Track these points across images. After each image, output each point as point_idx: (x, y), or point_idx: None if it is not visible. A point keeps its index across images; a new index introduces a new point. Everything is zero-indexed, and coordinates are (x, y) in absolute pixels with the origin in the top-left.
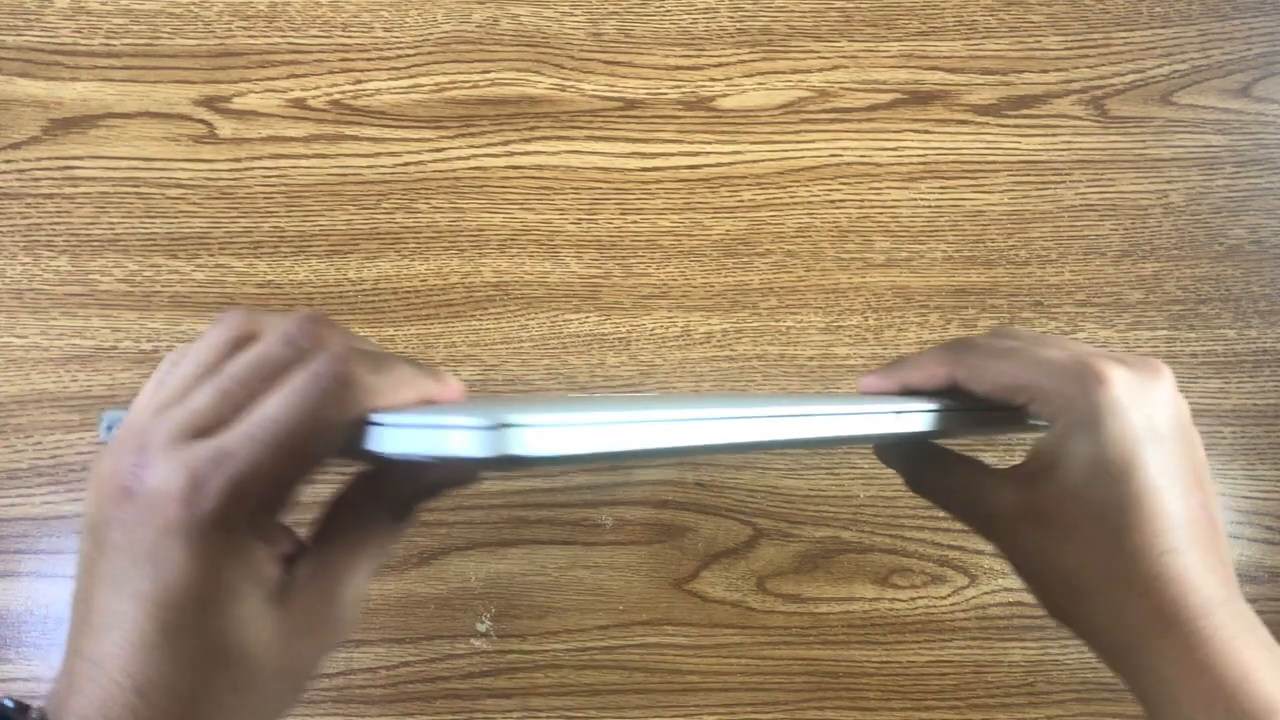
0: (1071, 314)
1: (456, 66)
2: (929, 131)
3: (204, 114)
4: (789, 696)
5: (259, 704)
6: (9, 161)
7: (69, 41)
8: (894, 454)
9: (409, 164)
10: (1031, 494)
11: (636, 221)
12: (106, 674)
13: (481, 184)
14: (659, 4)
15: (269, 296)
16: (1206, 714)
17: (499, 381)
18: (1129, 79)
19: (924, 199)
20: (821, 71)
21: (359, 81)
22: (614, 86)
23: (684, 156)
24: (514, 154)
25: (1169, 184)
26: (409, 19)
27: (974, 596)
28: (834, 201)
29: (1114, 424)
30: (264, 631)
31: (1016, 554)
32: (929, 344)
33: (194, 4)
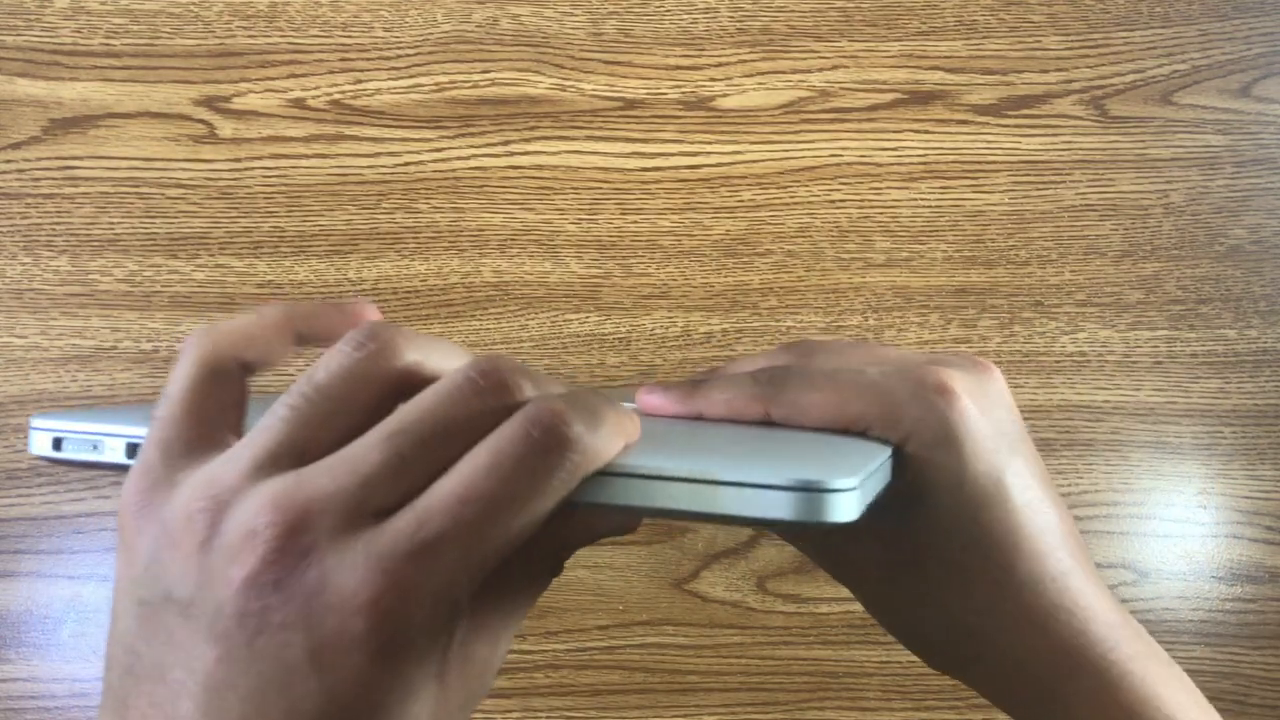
0: (1072, 314)
1: (456, 66)
2: (929, 131)
3: (204, 114)
4: (789, 697)
5: None
6: (9, 161)
7: (69, 41)
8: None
9: (409, 164)
10: (896, 536)
11: (636, 221)
12: None
13: (481, 184)
14: (659, 4)
15: (269, 296)
16: None
17: None
18: (1129, 79)
19: (924, 199)
20: (822, 71)
21: (359, 81)
22: (614, 86)
23: (684, 156)
24: (514, 154)
25: (1169, 184)
26: (409, 19)
27: None
28: (834, 201)
29: (971, 438)
30: (424, 717)
31: (890, 606)
32: (929, 344)
33: (194, 4)
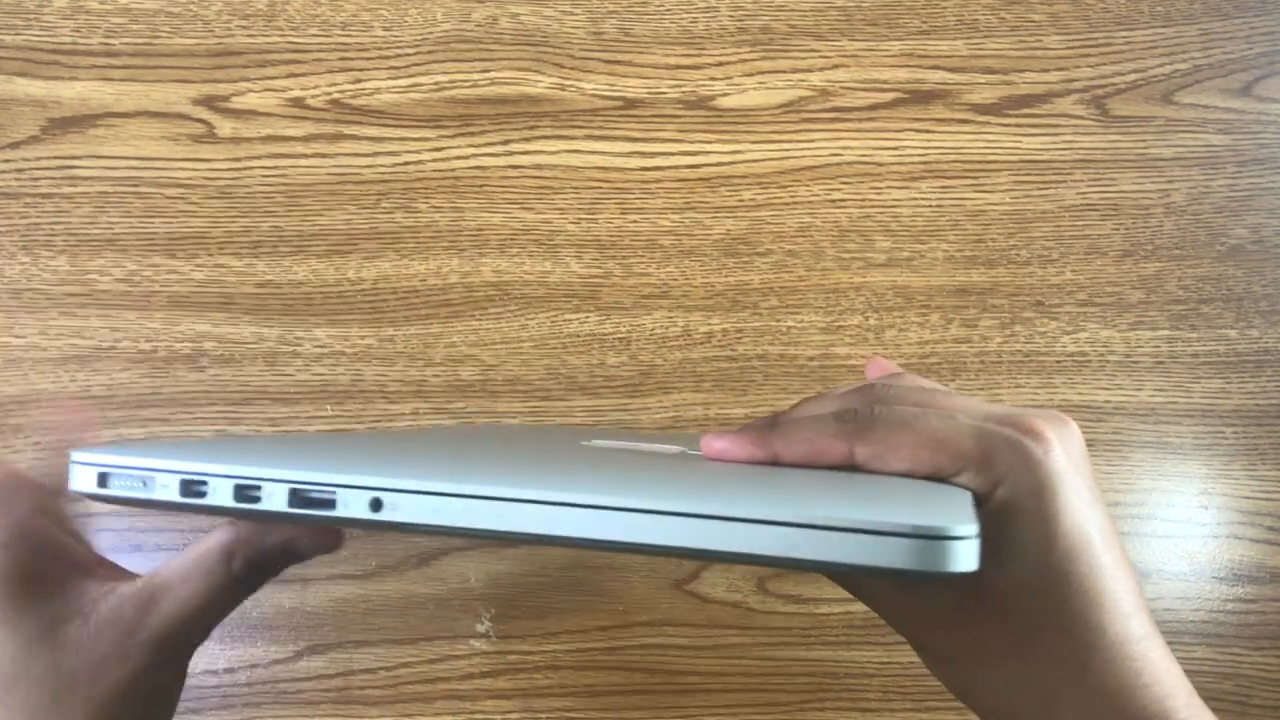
0: (1073, 314)
1: (456, 66)
2: (930, 131)
3: (203, 113)
4: (789, 697)
5: None
6: (7, 161)
7: (68, 41)
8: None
9: (408, 163)
10: (974, 589)
11: (636, 221)
12: None
13: (481, 183)
14: (659, 3)
15: (268, 296)
16: None
17: (499, 382)
18: (1130, 78)
19: (925, 198)
20: (822, 71)
21: (358, 81)
22: (614, 86)
23: (684, 156)
24: (514, 153)
25: (1170, 183)
26: (408, 18)
27: None
28: (835, 201)
29: (1065, 489)
30: None
31: (959, 664)
32: (930, 344)
33: (193, 3)
